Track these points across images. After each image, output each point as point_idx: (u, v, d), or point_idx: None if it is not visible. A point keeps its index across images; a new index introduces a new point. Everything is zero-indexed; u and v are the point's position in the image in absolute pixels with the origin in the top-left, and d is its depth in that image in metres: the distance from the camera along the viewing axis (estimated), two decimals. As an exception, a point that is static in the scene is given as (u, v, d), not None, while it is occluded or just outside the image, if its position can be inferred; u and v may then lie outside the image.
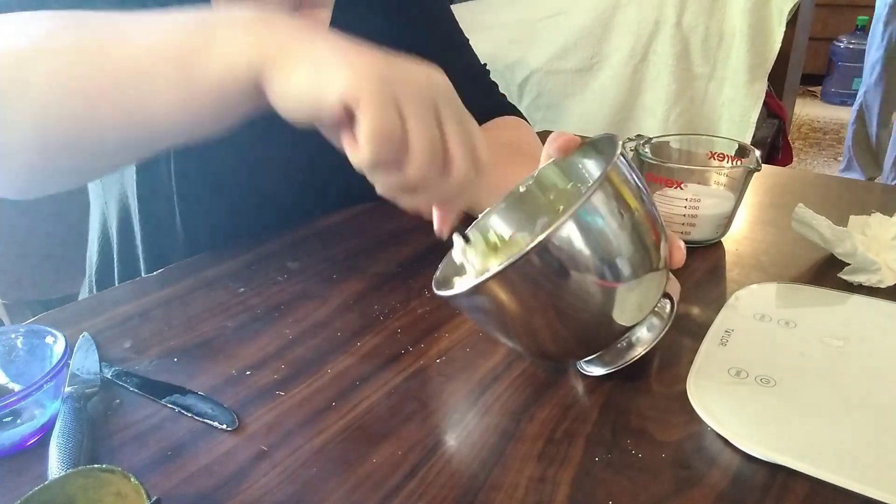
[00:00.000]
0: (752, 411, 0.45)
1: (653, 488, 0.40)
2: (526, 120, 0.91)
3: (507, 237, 0.53)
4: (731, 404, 0.45)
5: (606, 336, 0.47)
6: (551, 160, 0.55)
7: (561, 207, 0.55)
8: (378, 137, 0.37)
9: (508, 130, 0.86)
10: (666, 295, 0.48)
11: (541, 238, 0.39)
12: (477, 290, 0.41)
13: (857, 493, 0.38)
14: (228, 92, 0.41)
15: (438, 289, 0.46)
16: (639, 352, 0.48)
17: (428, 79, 0.40)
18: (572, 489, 0.40)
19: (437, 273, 0.50)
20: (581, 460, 0.42)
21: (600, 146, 0.52)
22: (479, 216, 0.55)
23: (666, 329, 0.48)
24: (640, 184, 0.45)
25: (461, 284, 0.44)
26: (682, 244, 0.48)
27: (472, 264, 0.49)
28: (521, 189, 0.56)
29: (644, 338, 0.48)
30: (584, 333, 0.46)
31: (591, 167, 0.54)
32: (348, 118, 0.38)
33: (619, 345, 0.48)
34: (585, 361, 0.50)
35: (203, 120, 0.43)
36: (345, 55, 0.38)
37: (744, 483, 0.40)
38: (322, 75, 0.38)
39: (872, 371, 0.48)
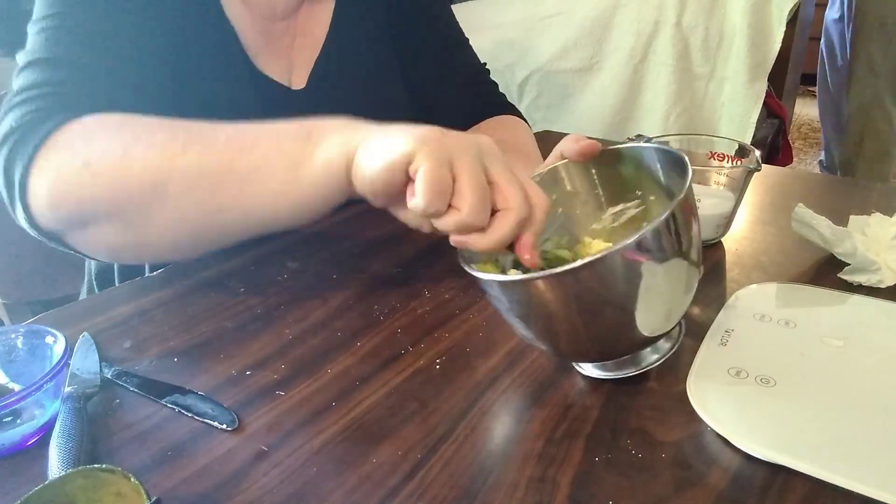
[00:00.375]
0: (752, 411, 0.45)
1: (653, 488, 0.40)
2: (524, 119, 0.91)
3: None
4: (731, 404, 0.45)
5: (627, 347, 0.47)
6: (563, 161, 0.55)
7: (560, 210, 0.55)
8: (429, 185, 0.43)
9: (504, 130, 0.86)
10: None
11: (607, 250, 0.39)
12: (520, 283, 0.42)
13: (857, 493, 0.38)
14: (327, 185, 0.49)
15: (465, 264, 0.46)
16: (640, 370, 0.48)
17: (476, 140, 0.46)
18: (572, 489, 0.40)
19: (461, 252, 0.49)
20: (581, 460, 0.42)
21: (622, 153, 0.52)
22: None
23: (671, 353, 0.49)
24: (695, 210, 0.45)
25: (501, 273, 0.44)
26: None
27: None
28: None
29: (649, 357, 0.49)
30: (607, 343, 0.46)
31: (610, 174, 0.54)
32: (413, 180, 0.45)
33: (624, 357, 0.49)
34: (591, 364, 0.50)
35: (305, 212, 0.52)
36: (410, 130, 0.46)
37: (744, 483, 0.40)
38: (392, 145, 0.45)
39: (872, 371, 0.48)
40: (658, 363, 0.48)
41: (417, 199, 0.44)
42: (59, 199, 0.53)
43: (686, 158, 0.47)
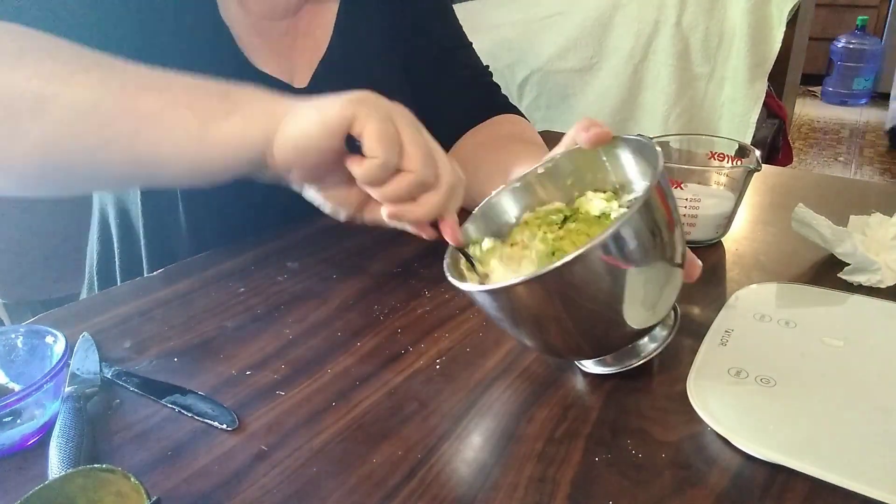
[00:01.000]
0: (752, 411, 0.45)
1: (653, 488, 0.40)
2: (526, 119, 0.91)
3: (513, 219, 0.54)
4: (731, 404, 0.45)
5: (619, 342, 0.47)
6: (576, 147, 0.54)
7: (576, 194, 0.55)
8: (384, 139, 0.43)
9: (511, 125, 0.86)
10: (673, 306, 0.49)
11: (580, 250, 0.39)
12: (501, 291, 0.42)
13: (857, 493, 0.38)
14: (236, 152, 0.46)
15: (451, 275, 0.46)
16: (640, 360, 0.48)
17: (397, 105, 0.46)
18: (572, 489, 0.40)
19: (446, 258, 0.49)
20: (581, 460, 0.42)
21: (628, 144, 0.52)
22: (493, 193, 0.54)
23: (669, 339, 0.49)
24: (672, 197, 0.45)
25: (482, 282, 0.45)
26: (699, 262, 0.50)
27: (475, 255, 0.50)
28: (540, 171, 0.55)
29: (647, 347, 0.49)
30: (598, 340, 0.46)
31: (618, 163, 0.53)
32: (346, 147, 0.45)
33: (622, 349, 0.49)
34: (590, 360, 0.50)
35: (204, 173, 0.48)
36: (340, 96, 0.45)
37: (744, 483, 0.40)
38: (326, 110, 0.44)
39: (872, 371, 0.48)
40: (657, 351, 0.48)
41: (375, 155, 0.43)
42: None
43: (651, 143, 0.48)
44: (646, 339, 0.49)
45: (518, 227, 0.53)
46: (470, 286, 0.44)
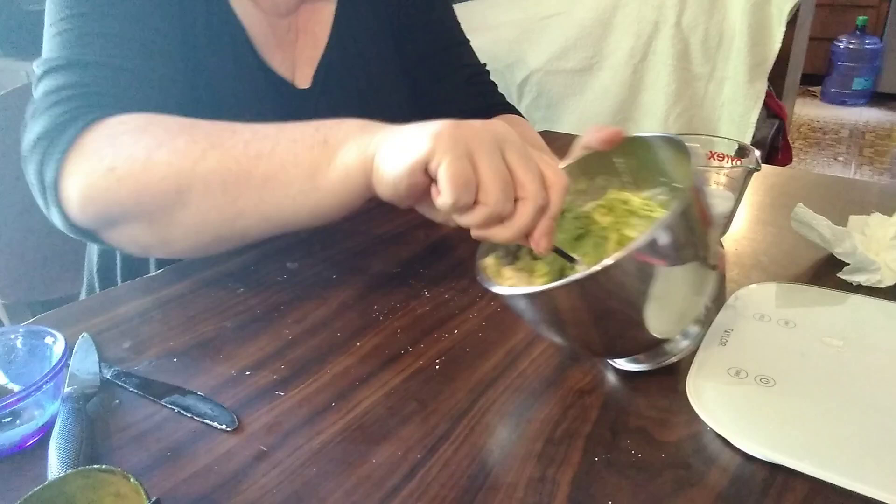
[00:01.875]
0: (752, 411, 0.45)
1: (653, 488, 0.40)
2: (524, 118, 0.92)
3: None
4: (731, 404, 0.45)
5: (652, 344, 0.48)
6: (589, 151, 0.53)
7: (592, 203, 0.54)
8: (453, 181, 0.43)
9: (512, 126, 0.86)
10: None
11: (619, 255, 0.39)
12: (538, 295, 0.42)
13: (857, 493, 0.38)
14: (346, 192, 0.51)
15: (482, 274, 0.47)
16: (676, 356, 0.49)
17: (491, 127, 0.46)
18: (572, 489, 0.40)
19: (479, 257, 0.49)
20: (581, 460, 0.42)
21: (643, 144, 0.51)
22: None
23: (703, 336, 0.49)
24: (706, 196, 0.44)
25: (517, 286, 0.44)
26: (723, 250, 0.50)
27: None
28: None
29: (680, 343, 0.49)
30: (630, 341, 0.46)
31: (631, 164, 0.53)
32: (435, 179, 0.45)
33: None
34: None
35: (326, 215, 0.53)
36: (424, 128, 0.46)
37: (744, 483, 0.40)
38: (408, 147, 0.46)
39: (872, 371, 0.48)
40: (690, 348, 0.49)
41: (444, 197, 0.44)
42: (87, 202, 0.55)
43: (686, 146, 0.46)
44: (678, 336, 0.49)
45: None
46: (507, 289, 0.43)
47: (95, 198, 0.54)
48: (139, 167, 0.53)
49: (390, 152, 0.47)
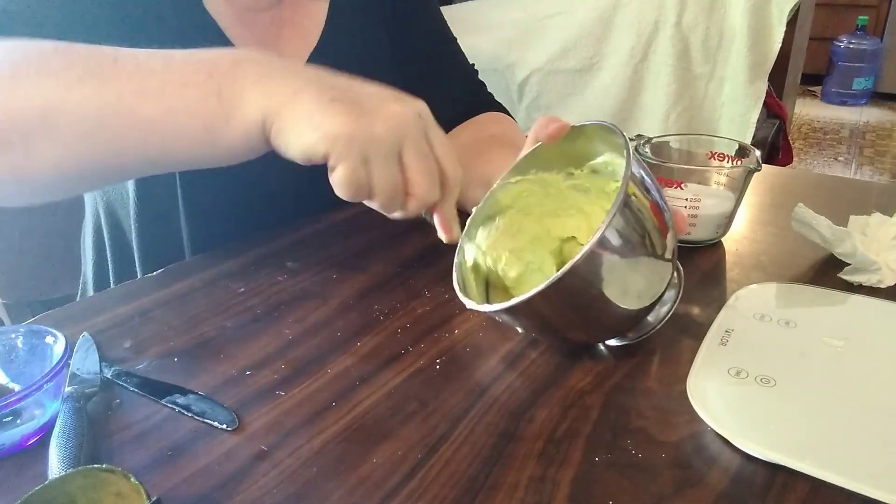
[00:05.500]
0: (752, 411, 0.45)
1: (653, 488, 0.40)
2: (511, 116, 0.92)
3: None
4: (731, 404, 0.45)
5: (627, 325, 0.51)
6: (538, 144, 0.57)
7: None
8: (345, 185, 0.46)
9: (493, 124, 0.86)
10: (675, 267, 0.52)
11: (571, 263, 0.43)
12: (507, 309, 0.46)
13: (857, 493, 0.38)
14: (247, 151, 0.49)
15: (461, 292, 0.51)
16: (656, 326, 0.52)
17: (394, 123, 0.46)
18: (572, 489, 0.40)
19: (455, 275, 0.53)
20: (581, 460, 0.42)
21: (591, 132, 0.54)
22: (468, 221, 0.57)
23: (679, 296, 0.52)
24: (649, 180, 0.48)
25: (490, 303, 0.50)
26: (685, 215, 0.54)
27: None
28: (513, 180, 0.58)
29: (659, 312, 0.52)
30: (602, 326, 0.50)
31: (584, 153, 0.56)
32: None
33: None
34: None
35: (219, 163, 0.51)
36: (323, 115, 0.45)
37: (744, 483, 0.40)
38: (307, 136, 0.45)
39: (872, 371, 0.48)
40: (670, 314, 0.51)
41: (338, 193, 0.47)
42: None
43: (612, 126, 0.50)
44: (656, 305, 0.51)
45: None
46: (480, 306, 0.48)
47: None
48: (1, 84, 0.48)
49: (289, 128, 0.46)
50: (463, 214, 0.53)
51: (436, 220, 0.51)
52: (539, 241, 0.56)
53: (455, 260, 0.54)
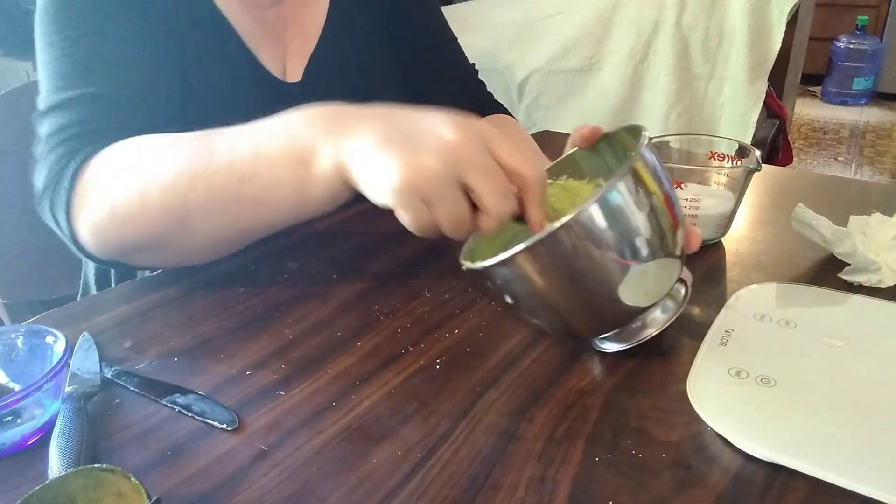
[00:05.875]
0: (752, 411, 0.45)
1: (653, 488, 0.40)
2: (513, 116, 0.92)
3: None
4: (731, 404, 0.45)
5: (623, 314, 0.49)
6: (574, 149, 0.57)
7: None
8: (414, 228, 0.47)
9: (505, 127, 0.86)
10: (681, 280, 0.51)
11: (567, 217, 0.42)
12: (502, 263, 0.44)
13: (857, 493, 0.38)
14: (335, 197, 0.53)
15: (464, 260, 0.49)
16: (652, 331, 0.50)
17: (449, 151, 0.46)
18: (572, 489, 0.40)
19: (465, 246, 0.52)
20: (581, 460, 0.42)
21: (622, 137, 0.54)
22: None
23: (680, 311, 0.50)
24: (662, 172, 0.47)
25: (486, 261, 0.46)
26: (698, 230, 0.52)
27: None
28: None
29: (658, 318, 0.50)
30: (601, 310, 0.48)
31: (613, 158, 0.56)
32: None
33: (634, 324, 0.50)
34: (601, 339, 0.52)
35: (317, 214, 0.55)
36: (380, 161, 0.47)
37: (744, 483, 0.40)
38: (372, 192, 0.48)
39: (872, 371, 0.48)
40: (668, 323, 0.50)
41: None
42: (100, 242, 0.59)
43: (638, 126, 0.49)
44: (657, 311, 0.51)
45: None
46: (473, 265, 0.47)
47: (107, 239, 0.59)
48: (136, 208, 0.56)
49: (357, 178, 0.49)
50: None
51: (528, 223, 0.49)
52: None
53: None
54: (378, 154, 0.47)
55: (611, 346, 0.51)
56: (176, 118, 0.65)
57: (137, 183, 0.57)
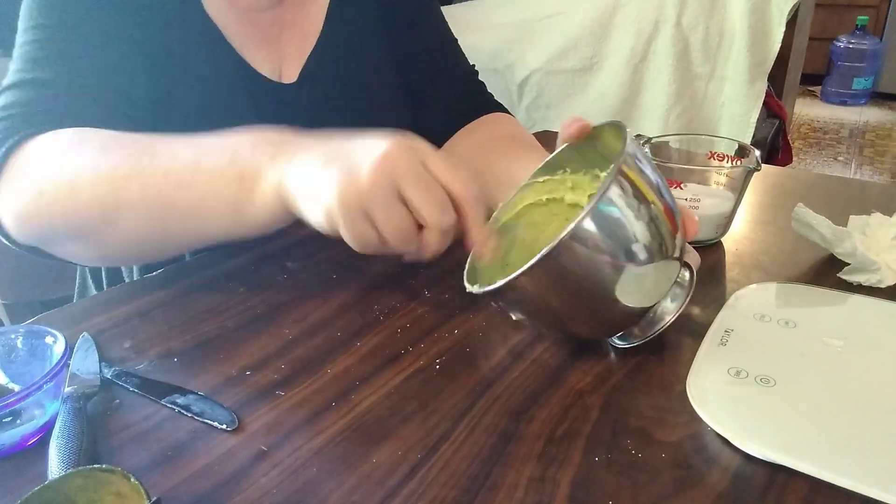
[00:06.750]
0: (752, 411, 0.45)
1: (653, 488, 0.40)
2: (513, 116, 0.92)
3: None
4: (731, 404, 0.45)
5: (631, 316, 0.49)
6: (564, 146, 0.57)
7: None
8: (354, 244, 0.48)
9: (506, 125, 0.86)
10: (686, 265, 0.51)
11: (561, 236, 0.42)
12: (505, 287, 0.45)
13: (857, 493, 0.38)
14: (273, 223, 0.54)
15: (469, 282, 0.50)
16: (667, 321, 0.50)
17: (384, 163, 0.46)
18: (572, 489, 0.40)
19: (467, 265, 0.53)
20: (581, 460, 0.42)
21: (609, 132, 0.54)
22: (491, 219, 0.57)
23: (689, 297, 0.50)
24: (652, 172, 0.47)
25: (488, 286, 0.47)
26: (695, 216, 0.52)
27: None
28: (541, 180, 0.58)
29: (669, 307, 0.51)
30: (608, 317, 0.48)
31: (603, 153, 0.56)
32: None
33: (647, 318, 0.51)
34: (619, 336, 0.52)
35: (249, 235, 0.56)
36: (318, 184, 0.48)
37: (744, 483, 0.40)
38: (312, 216, 0.49)
39: (872, 371, 0.48)
40: (677, 313, 0.50)
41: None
42: (22, 223, 0.58)
43: (619, 123, 0.50)
44: (667, 301, 0.51)
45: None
46: (476, 288, 0.48)
47: (29, 220, 0.57)
48: (65, 193, 0.55)
49: (298, 204, 0.50)
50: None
51: (467, 243, 0.51)
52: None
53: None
54: (317, 175, 0.48)
55: (627, 343, 0.52)
56: (137, 120, 0.65)
57: (71, 168, 0.56)
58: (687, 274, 0.51)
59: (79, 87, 0.63)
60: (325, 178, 0.47)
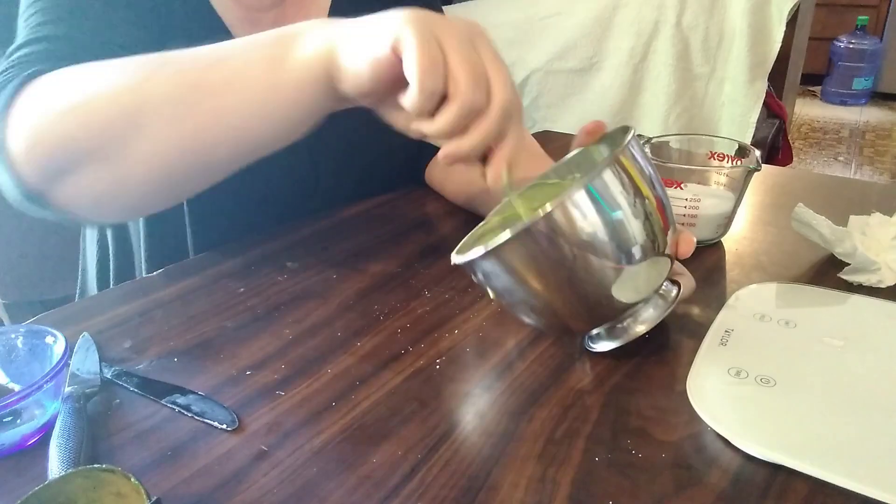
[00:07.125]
0: (752, 411, 0.45)
1: (653, 488, 0.40)
2: None
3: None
4: (731, 404, 0.45)
5: (608, 308, 0.48)
6: (578, 149, 0.56)
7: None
8: (422, 67, 0.41)
9: None
10: (674, 282, 0.51)
11: (549, 207, 0.42)
12: (487, 255, 0.44)
13: (857, 493, 0.38)
14: (310, 89, 0.48)
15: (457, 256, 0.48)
16: (642, 329, 0.49)
17: (465, 22, 0.44)
18: (572, 489, 0.40)
19: (462, 242, 0.52)
20: (581, 460, 0.42)
21: (618, 137, 0.54)
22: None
23: (670, 309, 0.49)
24: (650, 169, 0.47)
25: (473, 251, 0.46)
26: (693, 238, 0.51)
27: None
28: (550, 181, 0.57)
29: (648, 317, 0.50)
30: (586, 303, 0.47)
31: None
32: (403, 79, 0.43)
33: (624, 322, 0.50)
34: (591, 339, 0.52)
35: (290, 122, 0.50)
36: (390, 15, 0.44)
37: (744, 483, 0.40)
38: (375, 32, 0.44)
39: (872, 371, 0.48)
40: (659, 319, 0.49)
41: (412, 84, 0.41)
42: (35, 146, 0.51)
43: (628, 126, 0.49)
44: (649, 308, 0.50)
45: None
46: (460, 257, 0.46)
47: (42, 139, 0.51)
48: (84, 98, 0.50)
49: (354, 41, 0.45)
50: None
51: (491, 163, 0.46)
52: None
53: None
54: (374, 20, 0.44)
55: (601, 346, 0.51)
56: None
57: (93, 76, 0.52)
58: (674, 290, 0.51)
59: (91, 49, 0.59)
60: (386, 17, 0.44)
